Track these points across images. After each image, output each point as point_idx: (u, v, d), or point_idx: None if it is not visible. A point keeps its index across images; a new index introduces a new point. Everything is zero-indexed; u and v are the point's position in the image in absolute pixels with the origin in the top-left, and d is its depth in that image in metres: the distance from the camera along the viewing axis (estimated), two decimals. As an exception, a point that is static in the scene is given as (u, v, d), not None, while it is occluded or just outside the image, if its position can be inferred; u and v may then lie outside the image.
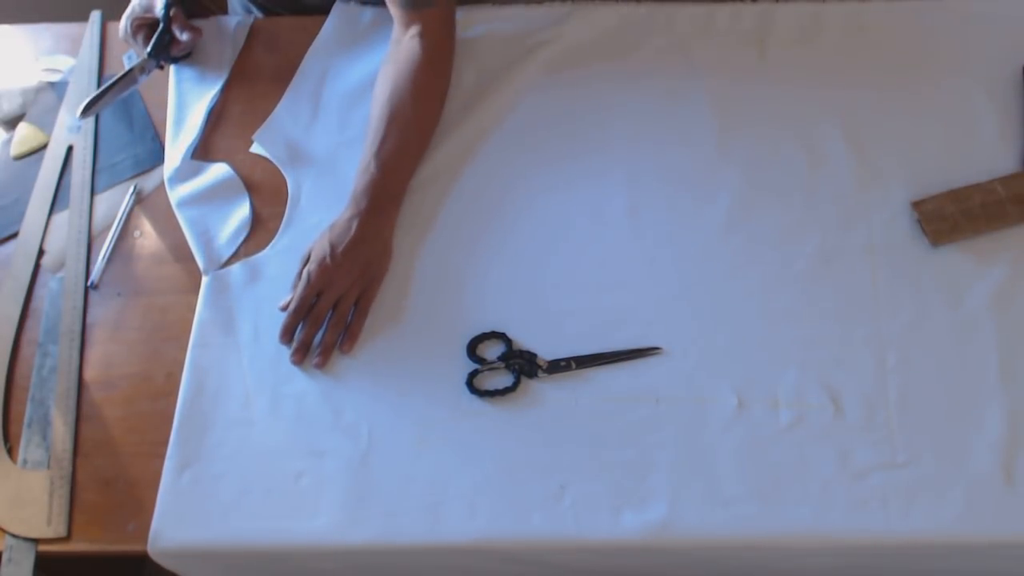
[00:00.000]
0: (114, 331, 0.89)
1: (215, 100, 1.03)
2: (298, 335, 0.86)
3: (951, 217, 0.88)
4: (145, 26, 1.01)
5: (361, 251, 0.87)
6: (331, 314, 0.86)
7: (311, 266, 0.87)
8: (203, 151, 1.00)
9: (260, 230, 0.94)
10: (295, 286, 0.88)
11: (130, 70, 0.98)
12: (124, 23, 1.02)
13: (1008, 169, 0.92)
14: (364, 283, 0.87)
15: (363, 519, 0.78)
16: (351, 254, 0.87)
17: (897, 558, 0.78)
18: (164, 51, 1.01)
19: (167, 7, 0.99)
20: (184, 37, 1.00)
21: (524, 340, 0.85)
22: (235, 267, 0.91)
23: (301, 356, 0.85)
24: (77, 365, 0.87)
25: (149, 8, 1.01)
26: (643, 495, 0.77)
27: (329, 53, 1.05)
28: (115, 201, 0.98)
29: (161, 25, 0.99)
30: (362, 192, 0.89)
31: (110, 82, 0.98)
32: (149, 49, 0.99)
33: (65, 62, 1.08)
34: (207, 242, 0.93)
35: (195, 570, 0.82)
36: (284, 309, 0.87)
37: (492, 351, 0.85)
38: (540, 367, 0.83)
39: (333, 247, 0.87)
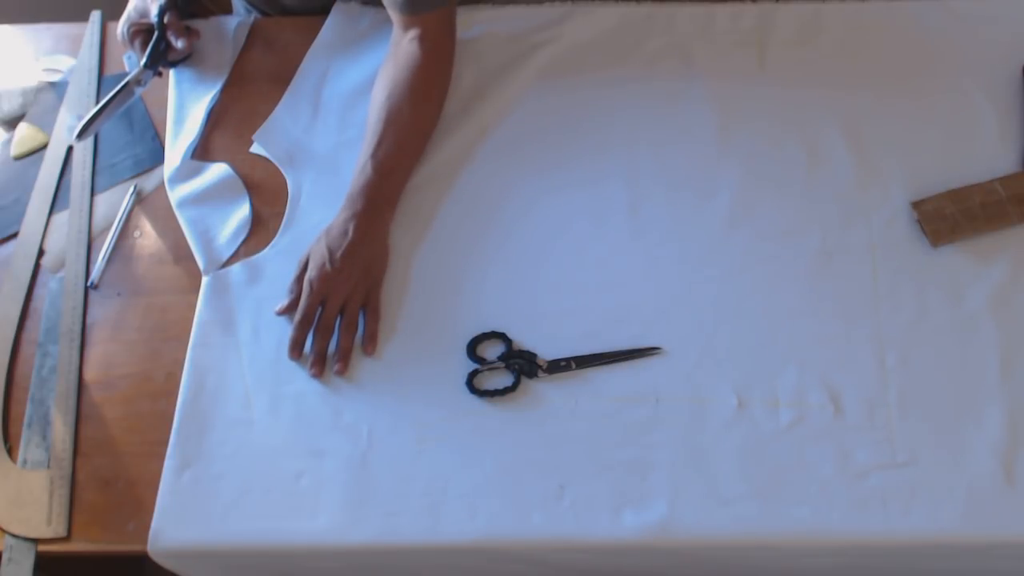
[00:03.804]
0: (114, 331, 0.89)
1: (215, 100, 1.03)
2: (311, 347, 0.85)
3: (951, 217, 0.88)
4: (142, 32, 1.00)
5: (360, 253, 0.87)
6: (339, 320, 0.86)
7: (311, 273, 0.86)
8: (203, 151, 1.00)
9: (260, 230, 0.94)
10: (291, 291, 0.88)
11: (126, 83, 0.97)
12: (121, 28, 1.01)
13: (1008, 169, 0.92)
14: (367, 285, 0.87)
15: (363, 519, 0.78)
16: (350, 257, 0.86)
17: (897, 558, 0.78)
18: (161, 58, 0.99)
19: (161, 14, 0.97)
20: (180, 44, 0.98)
21: (524, 340, 0.85)
22: (235, 267, 0.91)
23: (320, 368, 0.84)
24: (77, 365, 0.87)
25: (144, 13, 0.99)
26: (643, 495, 0.77)
27: (329, 53, 1.05)
28: (115, 201, 0.98)
29: (156, 33, 0.97)
30: (358, 194, 0.89)
31: (107, 99, 0.96)
32: (144, 60, 0.97)
33: (65, 62, 1.08)
34: (207, 242, 0.93)
35: (195, 570, 0.82)
36: (281, 313, 0.87)
37: (492, 351, 0.85)
38: (540, 367, 0.83)
39: (331, 252, 0.86)
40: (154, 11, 0.98)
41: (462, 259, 0.90)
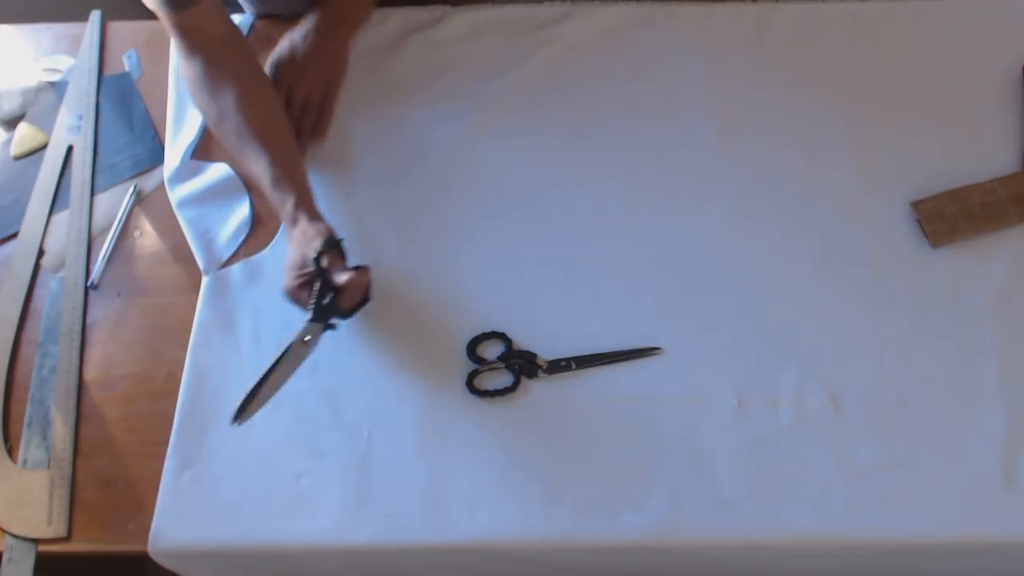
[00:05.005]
0: (114, 331, 0.89)
1: (215, 100, 1.03)
2: None
3: (951, 217, 0.88)
4: (307, 283, 0.82)
5: (319, 57, 0.97)
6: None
7: (280, 63, 0.97)
8: (203, 151, 1.00)
9: (260, 230, 0.94)
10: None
11: (291, 345, 0.79)
12: (286, 285, 0.83)
13: (1008, 169, 0.92)
14: (325, 85, 0.97)
15: (363, 519, 0.78)
16: (311, 58, 0.97)
17: (897, 558, 0.78)
18: (331, 310, 0.81)
19: (318, 256, 0.80)
20: (341, 279, 0.79)
21: (524, 340, 0.85)
22: (235, 267, 0.91)
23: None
24: (77, 365, 0.87)
25: (303, 263, 0.82)
26: (643, 495, 0.77)
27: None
28: (115, 201, 0.98)
29: (318, 282, 0.80)
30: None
31: (272, 364, 0.78)
32: (311, 315, 0.79)
33: (65, 62, 1.08)
34: (207, 242, 0.93)
35: (195, 570, 0.82)
36: None
37: (492, 351, 0.85)
38: (540, 367, 0.83)
39: (294, 52, 0.97)
40: (311, 255, 0.81)
41: (462, 258, 0.90)
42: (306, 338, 0.80)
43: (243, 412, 0.77)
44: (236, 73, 0.89)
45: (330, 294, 0.80)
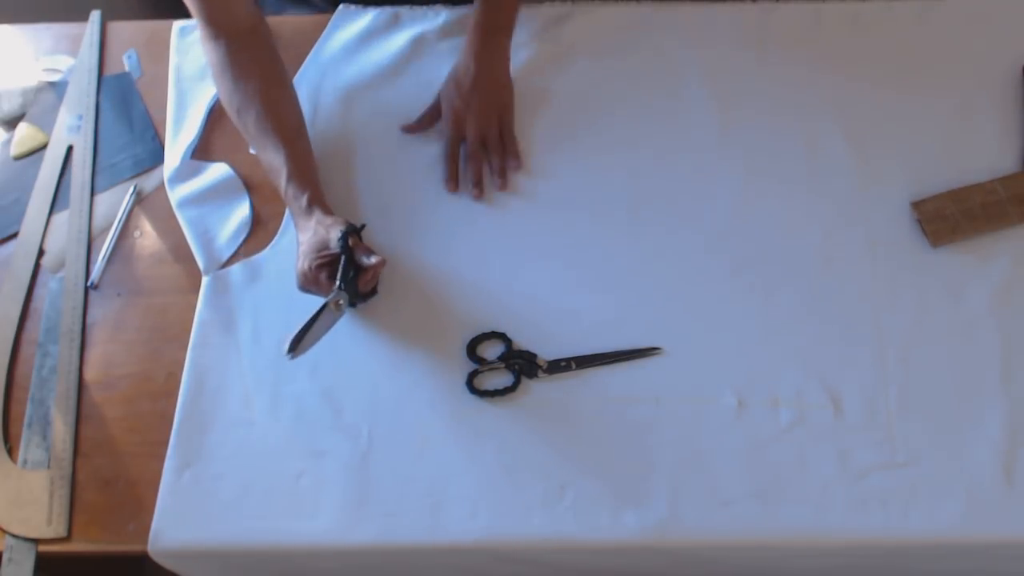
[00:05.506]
0: (114, 331, 0.89)
1: (215, 100, 1.03)
2: (469, 175, 0.94)
3: (951, 217, 0.88)
4: (327, 264, 0.85)
5: (483, 85, 0.95)
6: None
7: (445, 114, 0.96)
8: (203, 151, 1.00)
9: (260, 230, 0.94)
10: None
11: (324, 305, 0.82)
12: (302, 266, 0.85)
13: (1008, 169, 0.92)
14: (498, 112, 0.96)
15: (363, 519, 0.78)
16: (475, 90, 0.95)
17: (897, 558, 0.78)
18: (352, 287, 0.84)
19: (344, 238, 0.83)
20: (372, 260, 0.83)
21: (524, 340, 0.85)
22: (235, 267, 0.91)
23: (481, 190, 0.93)
24: (77, 365, 0.87)
25: (323, 246, 0.85)
26: (643, 495, 0.77)
27: (330, 53, 1.04)
28: (115, 201, 0.98)
29: (343, 257, 0.83)
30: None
31: (309, 320, 0.81)
32: (338, 282, 0.82)
33: (65, 62, 1.08)
34: (207, 242, 0.93)
35: (195, 570, 0.82)
36: (408, 131, 0.97)
37: (492, 351, 0.85)
38: (540, 367, 0.83)
39: (459, 86, 0.95)
40: (336, 236, 0.84)
41: (462, 259, 0.90)
42: (339, 301, 0.82)
43: (295, 348, 0.80)
44: (259, 63, 0.91)
45: (352, 272, 0.83)
